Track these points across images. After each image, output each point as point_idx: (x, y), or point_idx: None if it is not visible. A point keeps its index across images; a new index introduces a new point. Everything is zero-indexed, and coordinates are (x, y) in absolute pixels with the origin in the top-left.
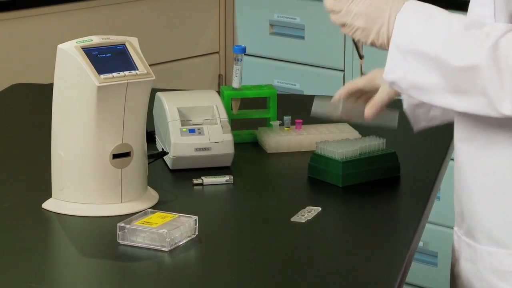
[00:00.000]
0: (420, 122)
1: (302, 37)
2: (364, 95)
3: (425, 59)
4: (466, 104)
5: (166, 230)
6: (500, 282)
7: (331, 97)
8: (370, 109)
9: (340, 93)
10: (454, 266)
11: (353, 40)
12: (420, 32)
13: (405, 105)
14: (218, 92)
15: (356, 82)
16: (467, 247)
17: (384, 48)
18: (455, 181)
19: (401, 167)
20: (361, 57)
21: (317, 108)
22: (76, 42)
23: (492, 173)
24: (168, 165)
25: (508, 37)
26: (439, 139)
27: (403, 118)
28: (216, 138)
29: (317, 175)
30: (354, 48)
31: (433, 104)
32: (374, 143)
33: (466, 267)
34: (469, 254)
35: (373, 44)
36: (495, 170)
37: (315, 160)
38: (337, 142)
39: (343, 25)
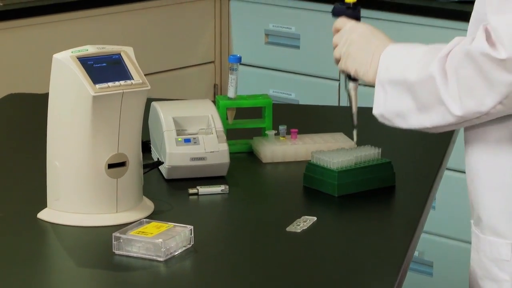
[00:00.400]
0: None
1: (298, 47)
2: None
3: (396, 84)
4: (432, 117)
5: (162, 240)
6: (499, 271)
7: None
8: None
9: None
10: (471, 258)
11: (351, 110)
12: (396, 64)
13: None
14: (214, 102)
15: None
16: (475, 237)
17: (367, 80)
18: (466, 175)
19: (396, 177)
20: (354, 126)
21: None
22: (72, 52)
23: (497, 170)
24: (164, 174)
25: (458, 47)
26: (434, 149)
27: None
28: (212, 147)
29: (312, 185)
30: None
31: (412, 128)
32: (370, 153)
33: (473, 256)
34: (475, 244)
35: (356, 74)
36: (499, 168)
37: (310, 170)
38: (333, 151)
39: (340, 56)
